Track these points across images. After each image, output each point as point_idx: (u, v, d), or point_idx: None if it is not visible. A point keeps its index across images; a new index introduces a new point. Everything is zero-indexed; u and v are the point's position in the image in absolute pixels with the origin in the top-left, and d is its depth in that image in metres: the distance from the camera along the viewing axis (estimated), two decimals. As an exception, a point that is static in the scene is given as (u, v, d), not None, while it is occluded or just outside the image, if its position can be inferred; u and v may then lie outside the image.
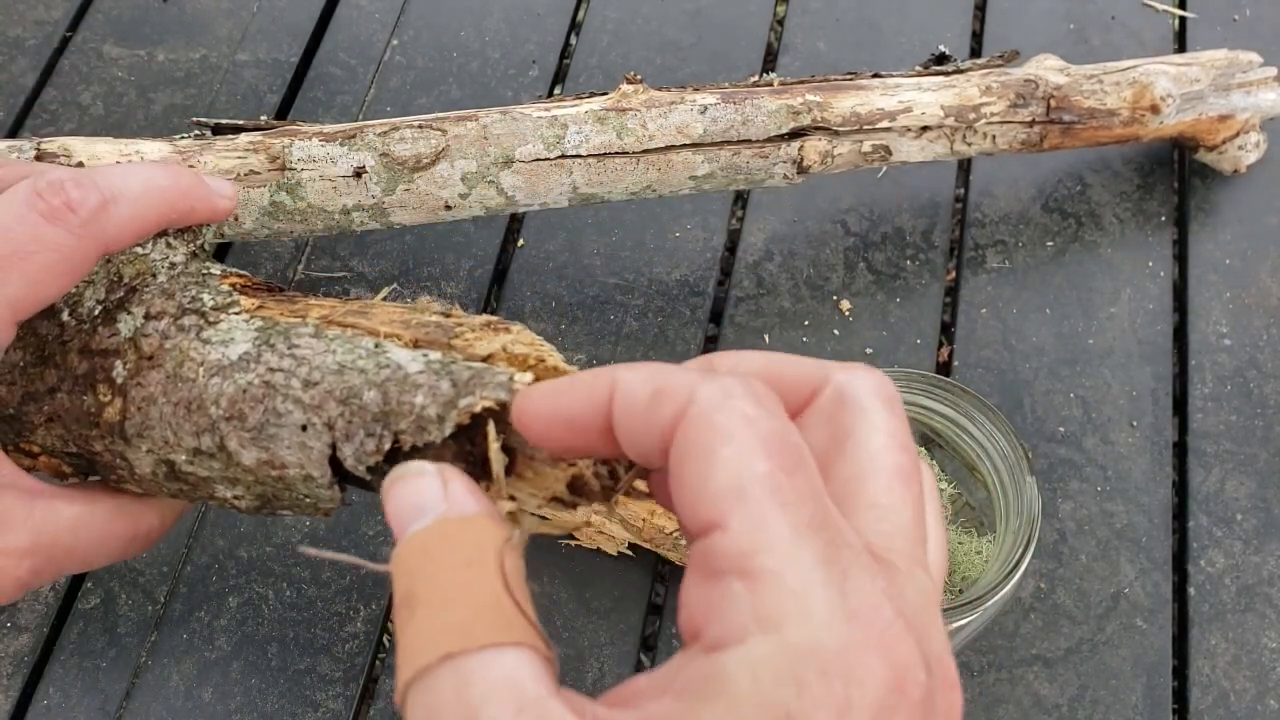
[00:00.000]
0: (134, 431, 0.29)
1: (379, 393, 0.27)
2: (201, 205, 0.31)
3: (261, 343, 0.29)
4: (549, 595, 0.50)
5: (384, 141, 0.44)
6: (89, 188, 0.27)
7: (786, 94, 0.48)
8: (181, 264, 0.32)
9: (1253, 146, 0.59)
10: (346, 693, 0.48)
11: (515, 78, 0.64)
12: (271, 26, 0.66)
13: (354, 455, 0.27)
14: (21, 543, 0.26)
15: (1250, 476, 0.53)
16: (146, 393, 0.29)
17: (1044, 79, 0.52)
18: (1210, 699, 0.49)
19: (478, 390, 0.26)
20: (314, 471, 0.27)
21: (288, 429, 0.27)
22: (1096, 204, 0.60)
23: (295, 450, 0.27)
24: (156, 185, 0.29)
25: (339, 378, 0.27)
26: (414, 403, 0.26)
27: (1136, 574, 0.51)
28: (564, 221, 0.59)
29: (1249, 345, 0.57)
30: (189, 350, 0.29)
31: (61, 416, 0.30)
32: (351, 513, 0.52)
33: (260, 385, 0.28)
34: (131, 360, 0.29)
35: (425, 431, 0.26)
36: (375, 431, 0.26)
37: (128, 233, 0.28)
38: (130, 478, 0.30)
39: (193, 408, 0.28)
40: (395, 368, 0.27)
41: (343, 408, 0.27)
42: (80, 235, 0.26)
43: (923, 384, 0.38)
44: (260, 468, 0.28)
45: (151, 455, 0.29)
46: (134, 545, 0.30)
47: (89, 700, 0.48)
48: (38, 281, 0.26)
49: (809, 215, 0.60)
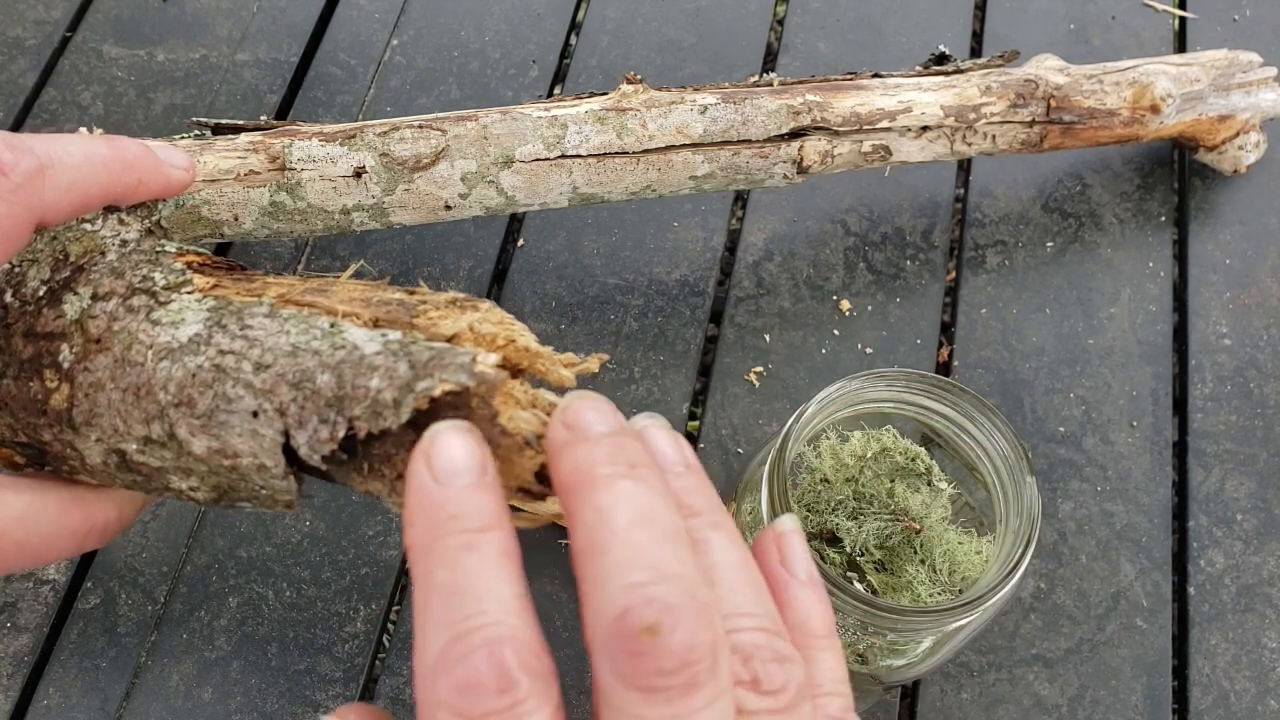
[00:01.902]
0: (82, 420, 0.27)
1: (333, 376, 0.25)
2: (151, 177, 0.29)
3: (213, 323, 0.27)
4: (549, 595, 0.50)
5: (384, 141, 0.44)
6: (23, 151, 0.25)
7: (786, 94, 0.48)
8: (134, 241, 0.30)
9: (1253, 147, 0.59)
10: (346, 693, 0.48)
11: (515, 78, 0.64)
12: (271, 26, 0.66)
13: (308, 444, 0.25)
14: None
15: (1250, 476, 0.53)
16: (94, 378, 0.27)
17: (1044, 79, 0.52)
18: (1210, 699, 0.49)
19: (436, 373, 0.24)
20: (267, 461, 0.26)
21: (238, 415, 0.26)
22: (1096, 204, 0.60)
23: (247, 438, 0.26)
24: (98, 154, 0.28)
25: (292, 360, 0.26)
26: (369, 386, 0.25)
27: (1136, 574, 0.51)
28: (564, 221, 0.59)
29: (1249, 345, 0.57)
30: (138, 332, 0.27)
31: (9, 404, 0.28)
32: (351, 513, 0.52)
33: (210, 369, 0.26)
34: (78, 344, 0.28)
35: (381, 418, 0.24)
36: (329, 418, 0.25)
37: (64, 202, 0.27)
38: (82, 468, 0.28)
39: (141, 394, 0.27)
40: (351, 349, 0.25)
41: (295, 392, 0.25)
42: (12, 201, 0.25)
43: (923, 384, 0.38)
44: (212, 457, 0.26)
45: (101, 445, 0.27)
46: (90, 539, 0.28)
47: (89, 700, 0.48)
48: None
49: (809, 215, 0.60)
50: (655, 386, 0.55)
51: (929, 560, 0.39)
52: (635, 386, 0.55)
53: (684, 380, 0.55)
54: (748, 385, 0.55)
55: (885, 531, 0.39)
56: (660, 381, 0.55)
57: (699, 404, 0.55)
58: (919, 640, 0.37)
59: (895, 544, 0.39)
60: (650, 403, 0.54)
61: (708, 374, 0.56)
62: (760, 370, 0.55)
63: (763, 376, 0.55)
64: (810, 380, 0.55)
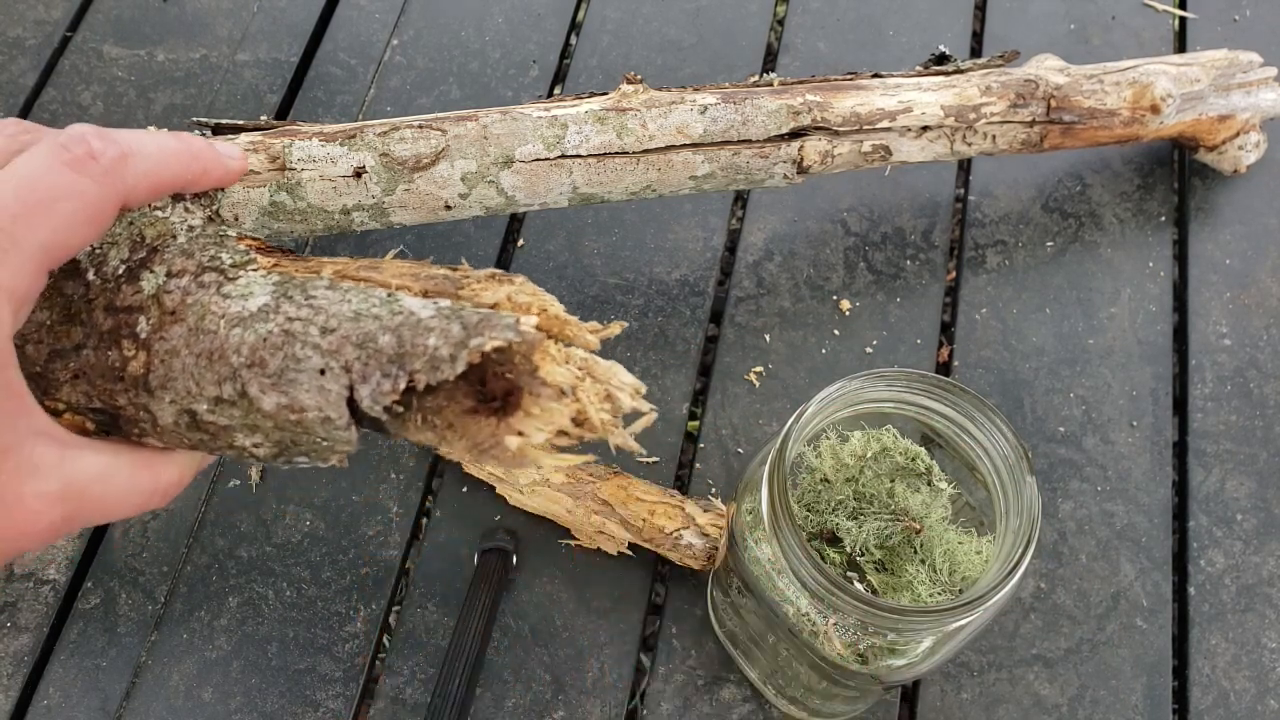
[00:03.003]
0: (157, 383, 0.30)
1: (394, 336, 0.28)
2: (213, 167, 0.33)
3: (280, 295, 0.30)
4: (549, 595, 0.50)
5: (384, 141, 0.44)
6: (109, 140, 0.28)
7: (786, 94, 0.48)
8: (199, 227, 0.33)
9: (1253, 146, 0.59)
10: (346, 693, 0.48)
11: (515, 78, 0.64)
12: (271, 26, 0.66)
13: (370, 396, 0.28)
14: (53, 488, 0.27)
15: (1250, 476, 0.53)
16: (170, 346, 0.30)
17: (1044, 79, 0.52)
18: (1210, 699, 0.49)
19: (486, 331, 0.27)
20: (332, 413, 0.28)
21: (307, 373, 0.28)
22: (1097, 204, 0.60)
23: (314, 394, 0.28)
24: (170, 146, 0.31)
25: (355, 324, 0.28)
26: (427, 344, 0.27)
27: (1136, 574, 0.51)
28: (564, 221, 0.59)
29: (1249, 345, 0.57)
30: (210, 304, 0.30)
31: (87, 372, 0.31)
32: (352, 513, 0.52)
33: (280, 333, 0.29)
34: (155, 316, 0.30)
35: (438, 370, 0.27)
36: (391, 372, 0.27)
37: (144, 185, 0.30)
38: (152, 430, 0.31)
39: (214, 358, 0.29)
40: (408, 314, 0.28)
41: (359, 351, 0.28)
42: (102, 183, 0.28)
43: (923, 384, 0.38)
44: (280, 412, 0.29)
45: (174, 406, 0.30)
46: (154, 498, 0.30)
47: (89, 700, 0.48)
48: (65, 228, 0.27)
49: (809, 215, 0.60)
50: (655, 386, 0.55)
51: (929, 560, 0.39)
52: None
53: (684, 380, 0.55)
54: (748, 385, 0.55)
55: (885, 531, 0.39)
56: (660, 381, 0.55)
57: (699, 404, 0.55)
58: (919, 640, 0.37)
59: (896, 544, 0.39)
60: (650, 403, 0.54)
61: (708, 374, 0.56)
62: (760, 370, 0.55)
63: (763, 376, 0.55)
64: (810, 380, 0.55)
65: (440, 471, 0.53)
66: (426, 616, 0.50)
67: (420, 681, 0.49)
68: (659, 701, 0.49)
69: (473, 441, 0.28)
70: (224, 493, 0.52)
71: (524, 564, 0.51)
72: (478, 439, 0.28)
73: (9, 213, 0.26)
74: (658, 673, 0.49)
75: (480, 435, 0.28)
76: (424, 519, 0.52)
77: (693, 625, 0.50)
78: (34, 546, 0.27)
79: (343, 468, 0.33)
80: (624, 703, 0.48)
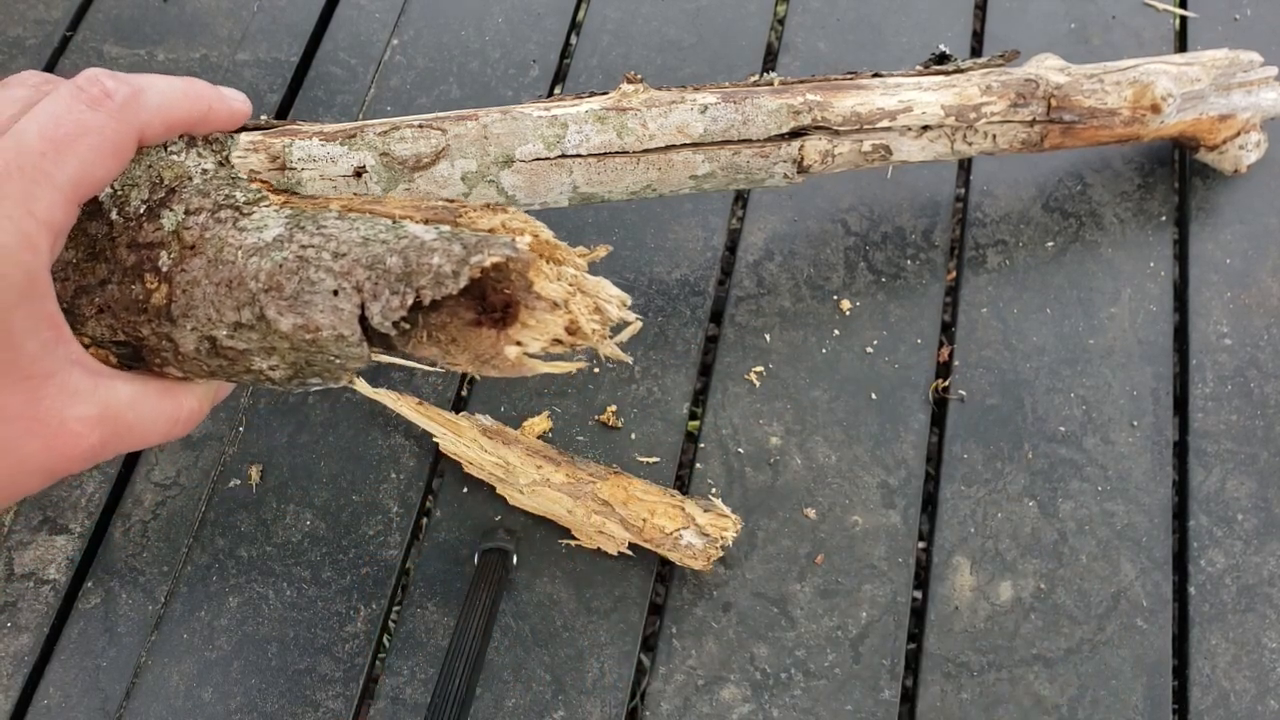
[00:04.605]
0: (179, 313, 0.32)
1: (400, 258, 0.30)
2: (219, 106, 0.35)
3: (293, 226, 0.32)
4: (549, 595, 0.50)
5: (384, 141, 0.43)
6: (121, 80, 0.31)
7: (787, 94, 0.48)
8: (212, 170, 0.36)
9: (1253, 146, 0.59)
10: (346, 693, 0.48)
11: (515, 77, 0.64)
12: (272, 26, 0.66)
13: (381, 312, 0.30)
14: (92, 412, 0.29)
15: (1251, 476, 0.53)
16: (190, 277, 0.32)
17: (1044, 78, 0.52)
18: (1210, 699, 0.49)
19: (486, 250, 0.29)
20: (345, 330, 0.30)
21: (321, 295, 0.30)
22: (1097, 204, 0.60)
23: (328, 313, 0.30)
24: (177, 85, 0.33)
25: (364, 249, 0.31)
26: (431, 263, 0.29)
27: (1136, 574, 0.51)
28: (564, 221, 0.59)
29: (1249, 345, 0.56)
30: (227, 237, 0.32)
31: (111, 306, 0.33)
32: (352, 513, 0.52)
33: (294, 259, 0.31)
34: (175, 250, 0.32)
35: (443, 285, 0.29)
36: (399, 290, 0.30)
37: (158, 121, 0.32)
38: (174, 359, 0.33)
39: (233, 285, 0.31)
40: (413, 238, 0.31)
41: (369, 272, 0.30)
42: (119, 118, 0.30)
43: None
44: (296, 333, 0.31)
45: (195, 333, 0.32)
46: (178, 427, 0.32)
47: (89, 700, 0.48)
48: (91, 162, 0.29)
49: (809, 215, 0.60)
50: (655, 386, 0.55)
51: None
52: (635, 386, 0.55)
53: (684, 380, 0.55)
54: (748, 385, 0.55)
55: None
56: (660, 381, 0.55)
57: (699, 404, 0.55)
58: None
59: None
60: (650, 402, 0.54)
61: (708, 373, 0.56)
62: (760, 370, 0.55)
63: (763, 376, 0.55)
64: (810, 380, 0.55)
65: (440, 471, 0.53)
66: (426, 616, 0.50)
67: (420, 681, 0.49)
68: (659, 701, 0.49)
69: (474, 353, 0.31)
70: (224, 493, 0.52)
71: (524, 564, 0.51)
72: (479, 350, 0.31)
73: (37, 150, 0.27)
74: (658, 673, 0.49)
75: (481, 347, 0.31)
76: (424, 519, 0.52)
77: (693, 625, 0.50)
78: (74, 469, 0.29)
79: (351, 385, 0.37)
80: (624, 703, 0.48)
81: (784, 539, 0.52)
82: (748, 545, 0.51)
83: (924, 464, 0.53)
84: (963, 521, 0.52)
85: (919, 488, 0.53)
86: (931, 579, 0.51)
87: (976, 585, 0.51)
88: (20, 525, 0.52)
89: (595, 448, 0.53)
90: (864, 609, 0.50)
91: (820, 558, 0.51)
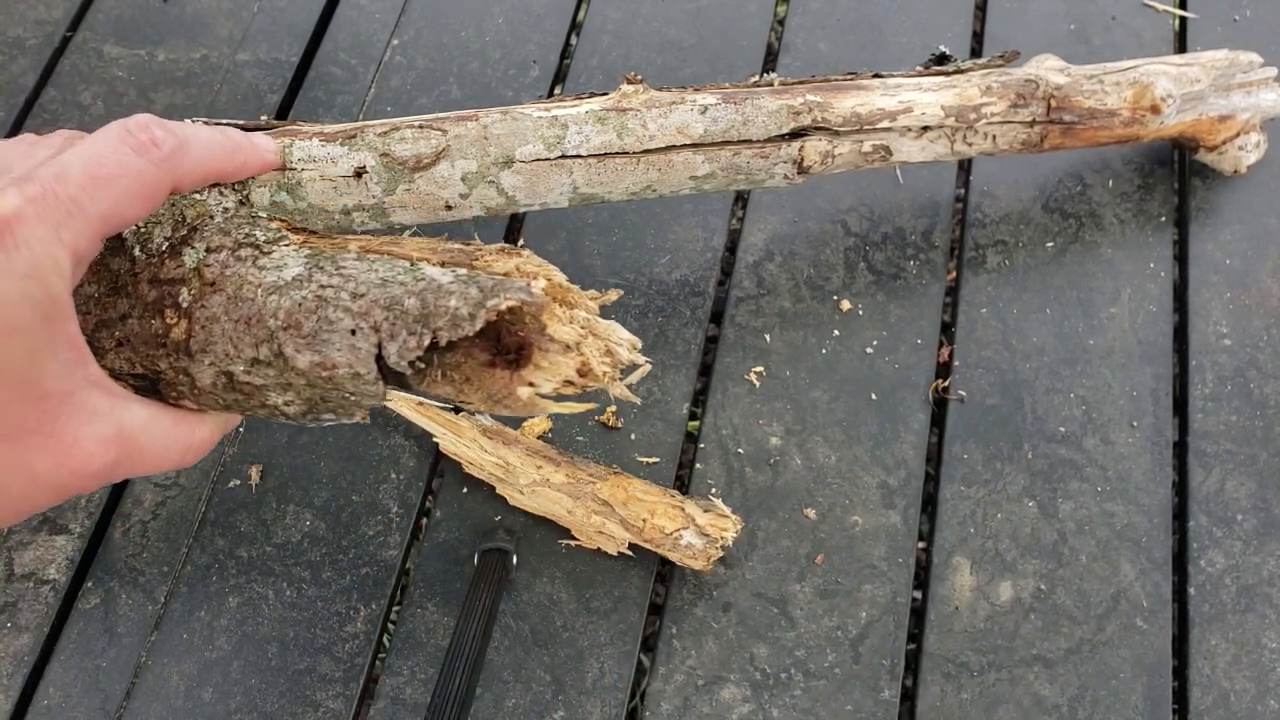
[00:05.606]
0: (198, 348, 0.32)
1: (418, 300, 0.31)
2: (252, 159, 0.37)
3: (312, 265, 0.33)
4: (549, 595, 0.50)
5: (384, 141, 0.43)
6: (169, 130, 0.32)
7: (787, 94, 0.48)
8: (233, 209, 0.36)
9: (1253, 147, 0.59)
10: (346, 693, 0.48)
11: (515, 78, 0.64)
12: (272, 26, 0.66)
13: (397, 352, 0.30)
14: (107, 432, 0.29)
15: (1250, 476, 0.53)
16: (210, 313, 0.32)
17: (1044, 79, 0.52)
18: (1210, 699, 0.49)
19: (501, 293, 0.30)
20: (361, 369, 0.31)
21: (339, 333, 0.31)
22: (1097, 204, 0.60)
23: (345, 352, 0.31)
24: (217, 139, 0.35)
25: (383, 290, 0.31)
26: (448, 305, 0.30)
27: (1136, 574, 0.51)
28: (564, 221, 0.59)
29: (1249, 345, 0.56)
30: (247, 275, 0.33)
31: (131, 340, 0.33)
32: (352, 513, 0.52)
33: (313, 299, 0.32)
34: (196, 287, 0.33)
35: (459, 328, 0.30)
36: (416, 331, 0.30)
37: (195, 174, 0.33)
38: (190, 392, 0.33)
39: (252, 322, 0.32)
40: (430, 280, 0.31)
41: (387, 313, 0.31)
42: (160, 167, 0.31)
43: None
44: (313, 370, 0.31)
45: (213, 368, 0.33)
46: (189, 454, 0.33)
47: (89, 700, 0.48)
48: (123, 202, 0.30)
49: (809, 215, 0.60)
50: (655, 386, 0.55)
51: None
52: (635, 386, 0.55)
53: (684, 380, 0.55)
54: (748, 385, 0.55)
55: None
56: (660, 381, 0.55)
57: (699, 404, 0.55)
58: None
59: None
60: (651, 402, 0.54)
61: (708, 374, 0.56)
62: (760, 370, 0.55)
63: (763, 376, 0.55)
64: (810, 380, 0.55)
65: (440, 471, 0.53)
66: (426, 616, 0.50)
67: (420, 681, 0.49)
68: (659, 701, 0.49)
69: (488, 393, 0.31)
70: (224, 493, 0.52)
71: (524, 564, 0.51)
72: (492, 390, 0.31)
73: (78, 183, 0.28)
74: (658, 673, 0.49)
75: (494, 387, 0.31)
76: (424, 519, 0.52)
77: (693, 625, 0.50)
78: (86, 487, 0.29)
79: (364, 422, 0.39)
80: (624, 703, 0.48)
81: (784, 539, 0.52)
82: (748, 545, 0.52)
83: (924, 464, 0.54)
84: (963, 522, 0.52)
85: (919, 488, 0.53)
86: (931, 579, 0.51)
87: (976, 585, 0.51)
88: (20, 525, 0.52)
89: (595, 448, 0.53)
90: (864, 609, 0.50)
91: (820, 558, 0.51)
